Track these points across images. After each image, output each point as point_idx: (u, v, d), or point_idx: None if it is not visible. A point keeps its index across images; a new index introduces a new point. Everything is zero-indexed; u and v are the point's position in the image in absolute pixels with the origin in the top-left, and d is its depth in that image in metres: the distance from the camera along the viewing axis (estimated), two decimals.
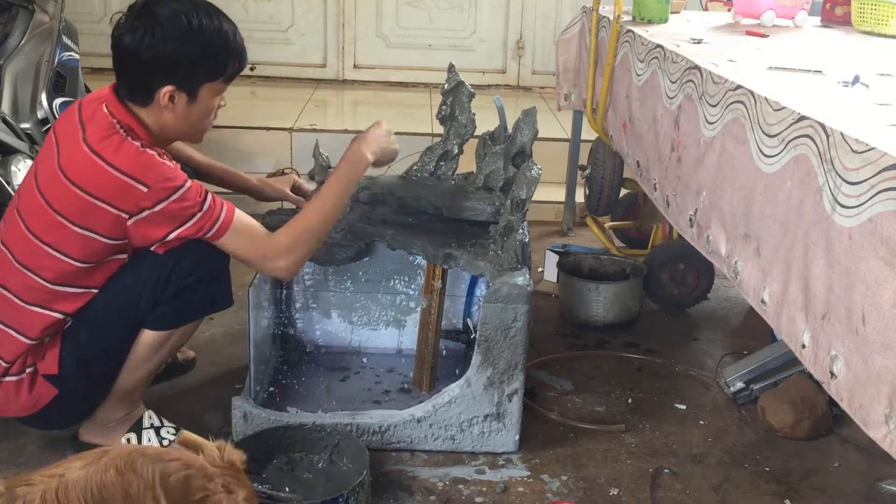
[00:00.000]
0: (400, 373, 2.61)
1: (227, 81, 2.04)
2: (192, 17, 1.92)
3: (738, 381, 2.60)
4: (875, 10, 3.01)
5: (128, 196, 1.88)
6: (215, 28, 1.97)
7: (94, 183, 1.89)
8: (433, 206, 2.44)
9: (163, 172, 1.90)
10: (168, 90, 1.94)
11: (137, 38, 1.90)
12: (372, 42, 5.43)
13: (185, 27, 1.91)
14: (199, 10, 1.95)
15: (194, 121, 2.03)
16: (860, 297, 1.38)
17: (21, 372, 2.02)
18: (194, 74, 1.96)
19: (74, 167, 1.91)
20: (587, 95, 3.35)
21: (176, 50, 1.91)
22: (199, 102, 2.00)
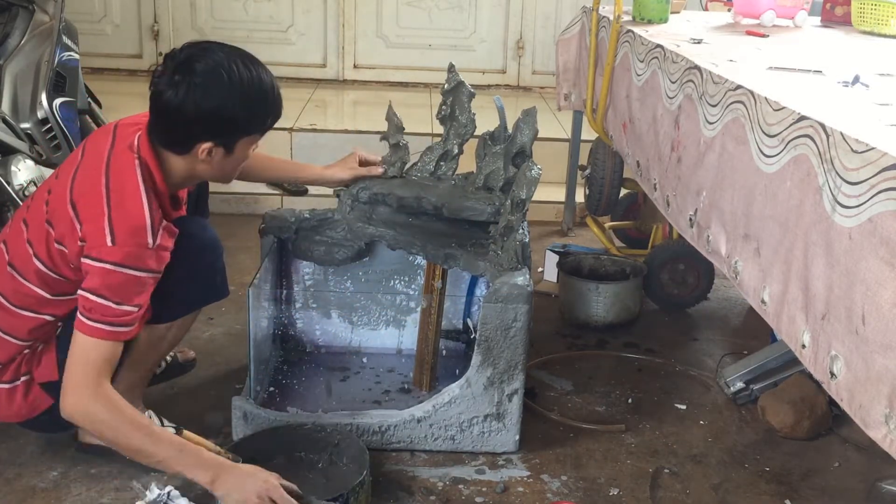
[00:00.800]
0: (400, 373, 2.61)
1: (262, 133, 2.03)
2: (232, 73, 1.88)
3: (738, 381, 2.60)
4: (875, 10, 3.01)
5: (96, 236, 1.84)
6: (255, 82, 1.92)
7: (85, 205, 1.87)
8: (433, 206, 2.44)
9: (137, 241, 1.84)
10: (207, 147, 1.92)
11: (179, 95, 1.86)
12: (372, 42, 5.43)
13: (225, 83, 1.87)
14: (238, 62, 1.90)
15: (227, 170, 2.04)
16: (860, 297, 1.38)
17: (14, 380, 2.02)
18: (233, 130, 1.95)
19: (82, 185, 1.90)
20: (587, 95, 3.35)
21: (216, 108, 1.88)
22: (235, 155, 1.99)
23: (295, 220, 2.50)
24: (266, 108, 1.98)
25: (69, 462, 2.16)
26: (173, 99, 1.87)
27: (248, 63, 1.93)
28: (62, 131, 3.06)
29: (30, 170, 2.83)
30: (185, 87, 1.86)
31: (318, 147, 4.30)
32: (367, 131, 4.38)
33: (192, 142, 1.92)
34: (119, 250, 1.83)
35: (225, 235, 2.15)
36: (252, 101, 1.93)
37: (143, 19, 5.33)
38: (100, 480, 2.11)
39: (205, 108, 1.88)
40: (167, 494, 2.01)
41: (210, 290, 2.12)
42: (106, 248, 1.83)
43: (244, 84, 1.90)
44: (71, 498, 2.05)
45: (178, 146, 1.94)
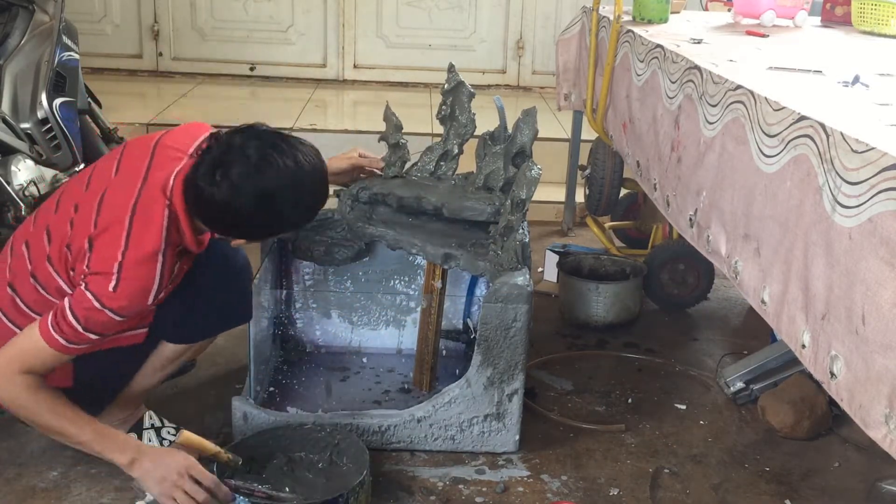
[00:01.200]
0: (400, 373, 2.62)
1: None
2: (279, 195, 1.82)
3: (738, 381, 2.60)
4: (875, 10, 3.01)
5: (104, 254, 1.82)
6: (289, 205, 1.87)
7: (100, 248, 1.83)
8: (433, 206, 2.44)
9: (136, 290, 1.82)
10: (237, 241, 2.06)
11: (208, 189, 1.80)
12: (372, 42, 5.43)
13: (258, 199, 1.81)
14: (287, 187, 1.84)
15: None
16: (860, 297, 1.38)
17: None
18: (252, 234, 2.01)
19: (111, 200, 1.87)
20: (587, 95, 3.35)
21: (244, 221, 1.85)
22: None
23: None
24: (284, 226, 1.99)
25: (69, 462, 2.16)
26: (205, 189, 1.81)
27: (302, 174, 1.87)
28: (62, 131, 3.06)
29: (30, 170, 2.83)
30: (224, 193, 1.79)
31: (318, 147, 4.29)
32: (367, 131, 4.38)
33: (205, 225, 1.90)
34: (116, 300, 1.80)
35: None
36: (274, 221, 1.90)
37: (143, 19, 5.33)
38: (100, 480, 2.10)
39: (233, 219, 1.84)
40: None
41: (235, 312, 2.15)
42: (107, 293, 1.80)
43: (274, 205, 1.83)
44: (71, 498, 2.05)
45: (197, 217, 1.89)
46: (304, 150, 1.89)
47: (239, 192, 1.79)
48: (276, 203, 1.83)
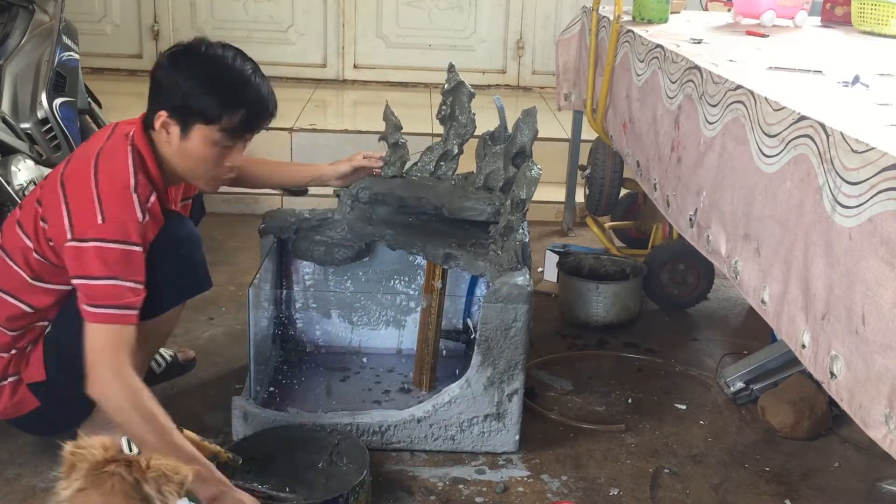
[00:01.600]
0: (400, 373, 2.62)
1: (225, 133, 1.94)
2: (210, 53, 1.92)
3: (738, 381, 2.60)
4: (875, 10, 3.01)
5: (84, 216, 1.85)
6: (231, 68, 1.92)
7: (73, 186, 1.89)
8: (433, 206, 2.44)
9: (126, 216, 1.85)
10: (162, 114, 1.92)
11: (161, 62, 1.94)
12: (372, 42, 5.43)
13: (196, 57, 1.92)
14: (230, 50, 1.94)
15: (191, 162, 1.97)
16: (860, 297, 1.38)
17: (2, 379, 2.02)
18: (188, 106, 1.91)
19: (72, 168, 1.94)
20: (587, 95, 3.35)
21: (178, 75, 1.91)
22: (192, 142, 1.93)
23: (295, 220, 2.50)
24: (231, 98, 1.91)
25: None
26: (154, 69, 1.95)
27: (241, 57, 1.95)
28: (62, 131, 3.06)
29: (30, 170, 2.83)
30: (166, 55, 1.95)
31: (318, 147, 4.30)
32: (367, 131, 4.38)
33: (154, 108, 1.94)
34: (108, 226, 1.83)
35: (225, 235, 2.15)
36: (217, 81, 1.91)
37: (143, 19, 5.33)
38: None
39: (168, 71, 1.93)
40: None
41: (192, 282, 2.10)
42: (97, 226, 1.83)
43: (217, 63, 1.92)
44: None
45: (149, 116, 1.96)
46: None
47: (174, 56, 1.92)
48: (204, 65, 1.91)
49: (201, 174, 2.02)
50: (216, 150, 1.96)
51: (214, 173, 2.03)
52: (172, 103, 1.91)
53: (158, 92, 1.94)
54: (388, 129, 2.49)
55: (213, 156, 1.97)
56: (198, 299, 2.19)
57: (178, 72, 1.91)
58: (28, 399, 2.04)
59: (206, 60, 1.92)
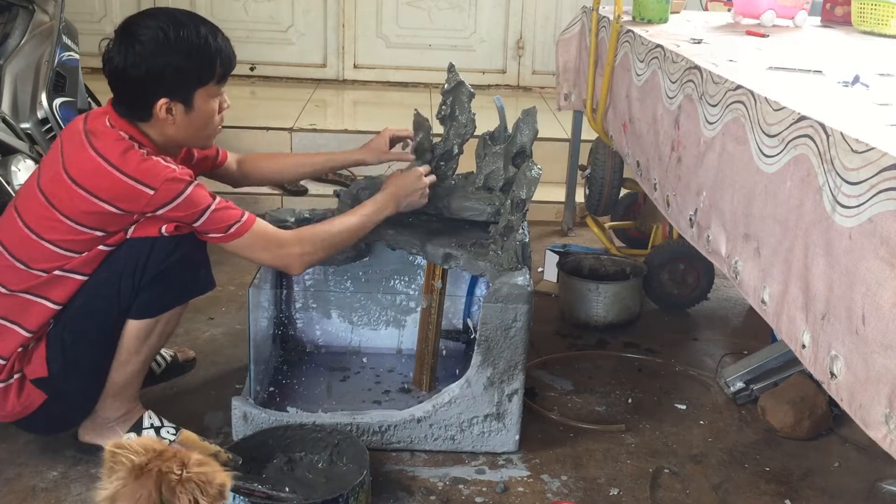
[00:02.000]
0: (400, 373, 2.62)
1: (220, 83, 2.07)
2: (168, 30, 1.97)
3: (738, 381, 2.60)
4: (875, 10, 3.01)
5: (135, 199, 1.93)
6: (194, 34, 2.00)
7: (101, 187, 1.92)
8: (433, 206, 2.44)
9: (167, 174, 1.94)
10: (163, 103, 1.98)
11: (123, 59, 1.96)
12: (372, 42, 5.43)
13: (163, 40, 1.96)
14: (175, 21, 1.99)
15: (197, 127, 2.07)
16: (860, 297, 1.38)
17: (8, 378, 2.02)
18: (184, 83, 2.00)
19: (81, 172, 1.95)
20: (587, 95, 3.35)
21: (160, 64, 1.96)
22: (197, 109, 2.04)
23: (295, 220, 2.50)
24: (211, 57, 2.02)
25: (69, 462, 2.16)
26: (120, 63, 1.96)
27: (186, 20, 2.01)
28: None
29: (30, 170, 2.82)
30: (125, 50, 1.95)
31: (317, 147, 4.30)
32: (367, 131, 4.37)
33: (148, 103, 1.99)
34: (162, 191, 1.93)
35: None
36: (193, 51, 1.99)
37: None
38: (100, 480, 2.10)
39: (148, 65, 1.95)
40: None
41: (194, 282, 2.12)
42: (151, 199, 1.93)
43: (181, 38, 1.97)
44: (71, 498, 2.05)
45: (139, 112, 2.01)
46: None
47: (140, 46, 1.95)
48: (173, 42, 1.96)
49: (206, 132, 2.12)
50: (215, 102, 2.08)
51: (215, 127, 2.13)
52: (167, 88, 1.98)
53: (144, 87, 1.97)
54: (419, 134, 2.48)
55: (214, 109, 2.09)
56: (198, 299, 2.19)
57: (153, 61, 1.95)
58: (34, 396, 2.04)
59: (170, 39, 1.96)
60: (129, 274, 2.00)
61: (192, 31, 1.99)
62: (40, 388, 2.03)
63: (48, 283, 1.99)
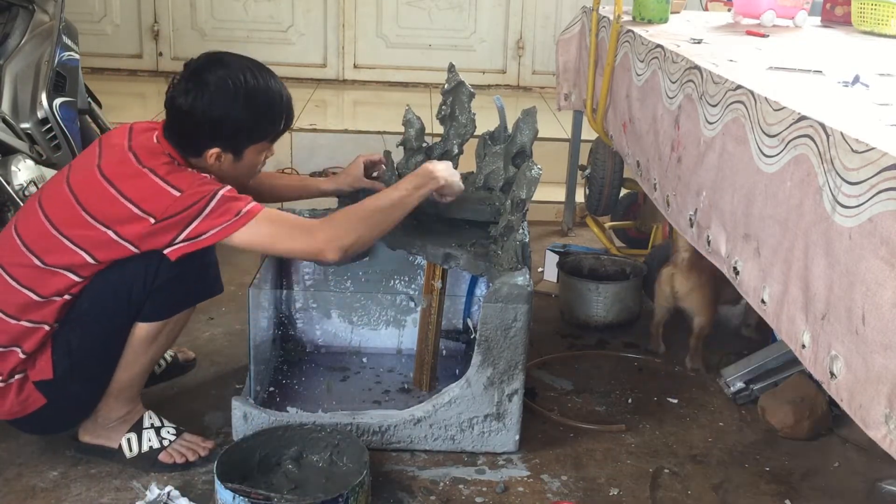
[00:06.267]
0: (400, 373, 2.62)
1: (272, 141, 2.12)
2: (238, 83, 1.98)
3: (738, 381, 2.60)
4: (875, 10, 3.01)
5: (160, 199, 1.92)
6: (262, 91, 2.02)
7: (126, 180, 1.94)
8: (433, 206, 2.44)
9: (197, 179, 1.96)
10: (215, 152, 2.02)
11: (189, 101, 1.97)
12: (372, 42, 5.43)
13: (231, 93, 1.97)
14: (247, 73, 2.00)
15: (240, 175, 2.11)
16: (860, 297, 1.38)
17: (9, 378, 2.02)
18: (240, 138, 2.04)
19: (112, 165, 1.97)
20: (587, 95, 3.35)
21: (222, 116, 1.98)
22: (244, 161, 2.08)
23: None
24: (273, 117, 2.06)
25: (69, 462, 2.16)
26: (184, 105, 1.98)
27: (257, 73, 2.02)
28: (62, 131, 3.06)
29: (30, 170, 2.82)
30: (194, 95, 1.97)
31: (318, 147, 4.30)
32: (367, 131, 4.38)
33: (201, 148, 2.02)
34: (187, 194, 1.92)
35: None
36: (258, 109, 2.02)
37: (143, 19, 5.33)
38: (100, 480, 2.11)
39: (211, 115, 1.98)
40: (167, 494, 2.01)
41: (204, 285, 2.12)
42: (177, 200, 1.91)
43: (250, 93, 2.00)
44: (71, 498, 2.05)
45: (189, 150, 2.04)
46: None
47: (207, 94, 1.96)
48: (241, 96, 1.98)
49: (247, 180, 2.18)
50: (263, 155, 2.13)
51: (257, 174, 2.20)
52: (222, 139, 2.01)
53: (201, 133, 2.00)
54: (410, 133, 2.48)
55: (261, 161, 2.14)
56: None
57: (218, 110, 1.97)
58: (34, 397, 2.03)
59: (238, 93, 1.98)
60: (141, 277, 1.99)
61: (261, 85, 2.01)
62: (42, 390, 2.03)
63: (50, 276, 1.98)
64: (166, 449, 2.15)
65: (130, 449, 2.16)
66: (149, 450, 2.15)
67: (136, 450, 2.15)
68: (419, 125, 2.50)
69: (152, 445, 2.15)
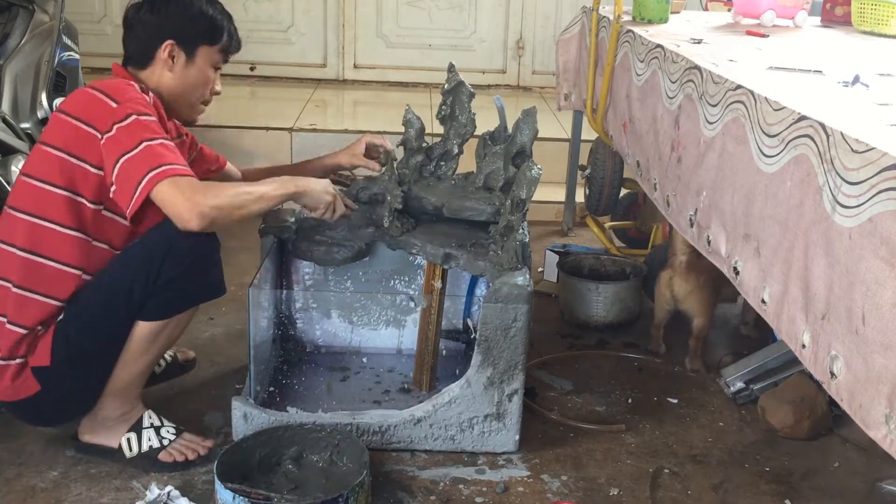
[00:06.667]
0: (400, 373, 2.62)
1: (222, 54, 2.22)
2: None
3: (738, 381, 2.60)
4: (875, 10, 3.01)
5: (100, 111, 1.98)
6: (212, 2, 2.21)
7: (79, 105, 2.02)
8: (433, 206, 2.44)
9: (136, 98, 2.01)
10: (168, 45, 2.11)
11: (143, 9, 2.13)
12: (372, 42, 5.43)
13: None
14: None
15: (190, 84, 2.17)
16: (860, 297, 1.38)
17: (9, 359, 2.02)
18: (192, 31, 2.15)
19: (68, 102, 2.07)
20: (587, 95, 3.35)
21: (176, 11, 2.13)
22: (196, 66, 2.17)
23: (295, 220, 2.50)
24: (222, 24, 2.22)
25: (69, 462, 2.16)
26: (138, 13, 2.13)
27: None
28: None
29: None
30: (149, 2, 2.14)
31: (318, 147, 4.28)
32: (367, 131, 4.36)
33: (154, 45, 2.12)
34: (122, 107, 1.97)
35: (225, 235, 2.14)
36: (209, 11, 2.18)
37: None
38: (100, 480, 2.11)
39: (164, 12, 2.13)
40: (167, 494, 2.01)
41: (207, 286, 2.12)
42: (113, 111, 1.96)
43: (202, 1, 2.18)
44: (71, 498, 2.05)
45: (143, 57, 2.14)
46: None
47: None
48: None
49: (194, 99, 2.21)
50: (212, 72, 2.21)
51: (203, 98, 2.24)
52: (178, 32, 2.13)
53: (155, 30, 2.11)
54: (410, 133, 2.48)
55: (209, 78, 2.21)
56: None
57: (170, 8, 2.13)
58: (28, 383, 2.03)
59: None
60: (144, 275, 1.99)
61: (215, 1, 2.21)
62: (37, 377, 2.02)
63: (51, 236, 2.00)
64: (166, 448, 2.15)
65: (130, 448, 2.16)
66: (149, 449, 2.15)
67: (135, 449, 2.15)
68: (419, 125, 2.50)
69: (152, 445, 2.15)
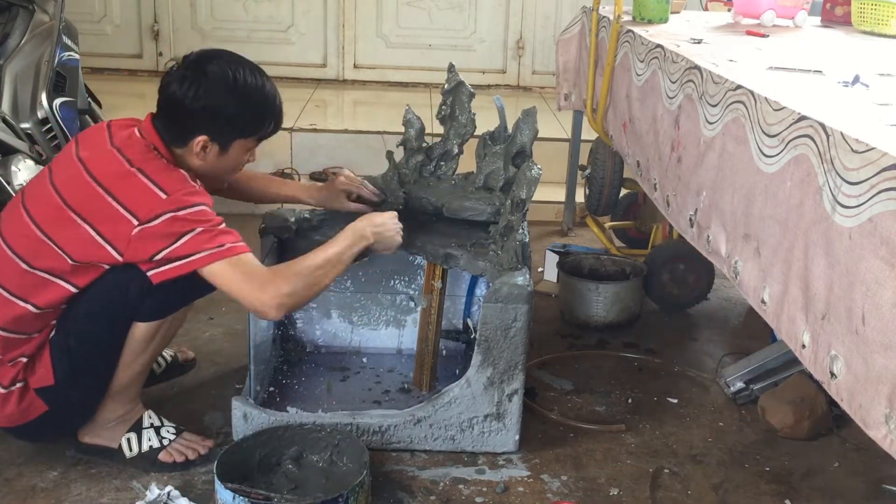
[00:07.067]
0: (400, 373, 2.62)
1: (259, 140, 2.11)
2: (237, 75, 1.99)
3: (738, 381, 2.60)
4: (875, 10, 3.01)
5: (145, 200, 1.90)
6: (258, 87, 2.04)
7: (115, 179, 1.92)
8: (433, 206, 2.44)
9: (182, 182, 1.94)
10: (202, 140, 2.01)
11: (183, 89, 1.98)
12: (372, 42, 5.43)
13: (230, 83, 1.99)
14: (245, 69, 2.03)
15: (220, 171, 2.11)
16: (860, 297, 1.38)
17: (10, 386, 2.01)
18: (229, 129, 2.03)
19: (98, 163, 1.96)
20: (587, 95, 3.35)
21: (216, 104, 1.98)
22: (230, 156, 2.07)
23: (295, 220, 2.50)
24: (264, 115, 2.07)
25: (69, 462, 2.16)
26: (178, 91, 1.98)
27: (255, 71, 2.04)
28: (62, 131, 3.06)
29: (30, 170, 2.82)
30: (191, 81, 1.98)
31: (317, 147, 4.30)
32: (367, 131, 4.38)
33: (189, 134, 2.00)
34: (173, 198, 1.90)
35: None
36: (251, 104, 2.03)
37: (143, 19, 5.33)
38: (100, 480, 2.11)
39: (206, 102, 1.98)
40: (167, 494, 2.01)
41: (200, 284, 2.10)
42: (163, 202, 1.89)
43: (247, 87, 2.01)
44: (71, 498, 2.05)
45: (176, 138, 2.02)
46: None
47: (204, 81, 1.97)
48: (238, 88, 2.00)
49: (226, 177, 2.19)
50: (247, 154, 2.13)
51: (236, 174, 2.21)
52: (212, 128, 2.01)
53: (192, 120, 1.99)
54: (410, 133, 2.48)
55: (244, 160, 2.14)
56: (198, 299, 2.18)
57: (211, 99, 1.98)
58: (35, 405, 2.03)
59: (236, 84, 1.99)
60: (139, 277, 1.98)
61: (258, 83, 2.03)
62: (43, 397, 2.02)
63: (37, 286, 1.97)
64: (166, 448, 2.15)
65: (130, 449, 2.16)
66: (149, 449, 2.15)
67: (136, 449, 2.15)
68: (419, 125, 2.50)
69: (152, 445, 2.15)
